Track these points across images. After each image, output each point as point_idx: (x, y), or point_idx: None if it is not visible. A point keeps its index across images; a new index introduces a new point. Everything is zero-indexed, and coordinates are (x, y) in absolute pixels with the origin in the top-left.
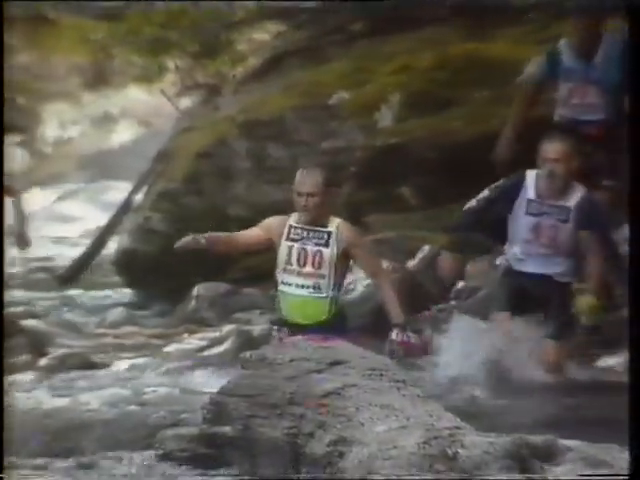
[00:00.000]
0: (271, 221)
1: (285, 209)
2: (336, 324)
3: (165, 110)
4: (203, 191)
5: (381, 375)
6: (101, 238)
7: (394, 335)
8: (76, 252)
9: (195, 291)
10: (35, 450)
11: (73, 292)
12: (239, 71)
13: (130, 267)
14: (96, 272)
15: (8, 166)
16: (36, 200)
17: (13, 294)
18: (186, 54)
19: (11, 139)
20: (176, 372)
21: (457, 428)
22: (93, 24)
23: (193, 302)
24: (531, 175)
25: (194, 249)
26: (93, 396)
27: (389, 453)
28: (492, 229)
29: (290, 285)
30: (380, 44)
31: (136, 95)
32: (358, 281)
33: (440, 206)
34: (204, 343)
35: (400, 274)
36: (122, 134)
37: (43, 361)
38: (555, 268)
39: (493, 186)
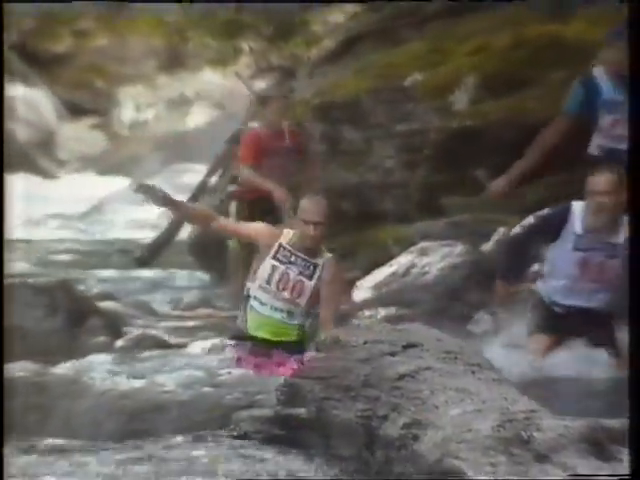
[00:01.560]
0: (264, 229)
1: (359, 192)
2: (301, 344)
3: (239, 93)
4: None
5: (456, 358)
6: (177, 221)
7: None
8: (153, 234)
9: None
10: (111, 431)
11: (150, 274)
12: (313, 53)
13: (205, 249)
14: (172, 254)
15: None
16: (113, 182)
17: (91, 275)
18: (260, 36)
19: (88, 122)
20: None
21: (532, 411)
22: (168, 7)
23: None
24: (578, 207)
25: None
26: (169, 378)
27: (464, 436)
28: (535, 258)
29: (264, 305)
30: (455, 25)
31: (211, 78)
32: (432, 264)
33: (516, 188)
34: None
35: (474, 257)
36: (197, 117)
37: (119, 342)
38: (599, 302)
39: (538, 214)
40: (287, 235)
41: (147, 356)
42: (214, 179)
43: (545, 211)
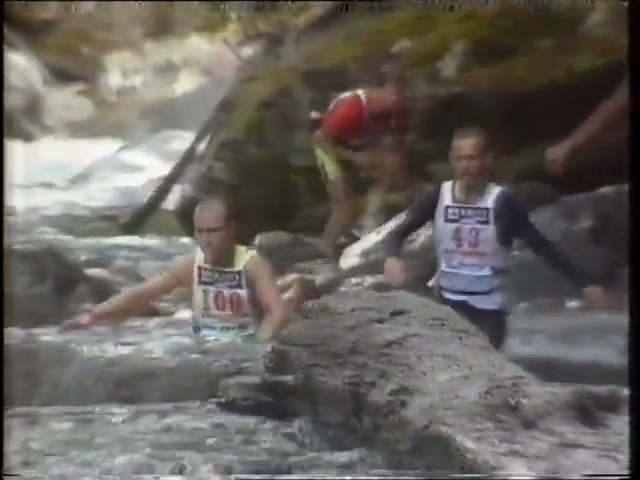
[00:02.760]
0: (177, 265)
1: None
2: None
3: (227, 59)
4: (265, 141)
5: (443, 325)
6: (164, 187)
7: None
8: (139, 201)
9: (257, 240)
10: (99, 397)
11: (136, 241)
12: (301, 20)
13: (192, 216)
14: (159, 221)
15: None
16: (99, 149)
17: (78, 242)
18: (248, 3)
19: (74, 88)
20: None
21: (520, 378)
22: None
23: (255, 251)
24: (447, 184)
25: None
26: (156, 345)
27: (451, 403)
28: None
29: (215, 329)
30: None
31: (198, 44)
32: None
33: (504, 154)
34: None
35: None
36: (184, 83)
37: None
38: (481, 286)
39: (410, 208)
40: (200, 256)
41: (135, 323)
42: (202, 146)
43: (416, 201)
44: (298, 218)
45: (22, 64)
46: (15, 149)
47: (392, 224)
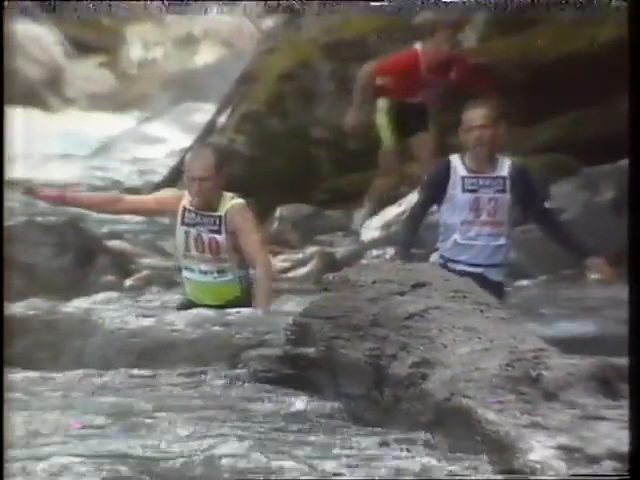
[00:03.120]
0: (166, 195)
1: (365, 132)
2: (245, 301)
3: (247, 31)
4: (286, 113)
5: (464, 297)
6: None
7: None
8: (161, 173)
9: (278, 213)
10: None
11: None
12: None
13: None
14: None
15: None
16: (121, 122)
17: (98, 214)
18: None
19: (95, 60)
20: None
21: (541, 350)
22: None
23: (276, 224)
24: (455, 158)
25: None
26: (178, 316)
27: (472, 375)
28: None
29: (193, 271)
30: None
31: (218, 16)
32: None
33: (526, 126)
34: (287, 265)
35: None
36: (205, 55)
37: (128, 282)
38: (497, 257)
39: (420, 187)
40: (187, 196)
41: (156, 295)
42: (223, 118)
43: (425, 178)
44: (319, 190)
45: (43, 36)
46: (38, 120)
47: (412, 197)
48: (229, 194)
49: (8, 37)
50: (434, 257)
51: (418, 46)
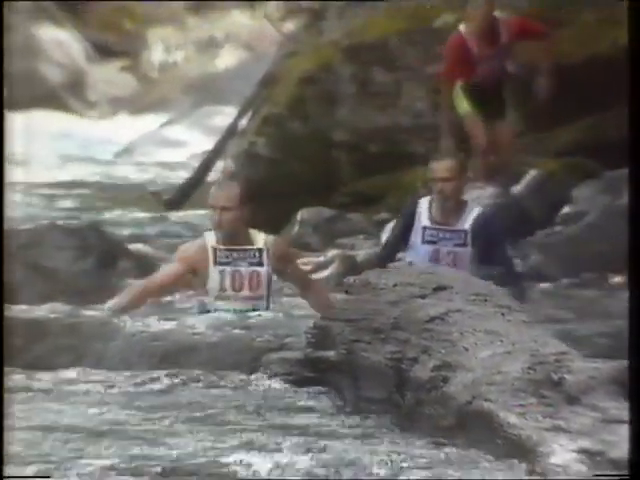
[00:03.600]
0: (188, 251)
1: (389, 135)
2: None
3: (269, 34)
4: (307, 116)
5: (485, 300)
6: (206, 163)
7: None
8: (182, 177)
9: (299, 216)
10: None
11: (179, 216)
12: None
13: None
14: (201, 196)
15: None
16: (142, 125)
17: (120, 218)
18: None
19: (117, 63)
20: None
21: (563, 353)
22: None
23: (297, 227)
24: (424, 202)
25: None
26: (199, 319)
27: (493, 378)
28: None
29: (228, 311)
30: None
31: (240, 19)
32: None
33: (548, 130)
34: (308, 268)
35: (505, 199)
36: (226, 58)
37: None
38: None
39: (391, 225)
40: (211, 237)
41: (177, 298)
42: (244, 121)
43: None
44: (340, 193)
45: (65, 40)
46: (61, 124)
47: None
48: (255, 230)
49: (31, 40)
50: None
51: (461, 27)
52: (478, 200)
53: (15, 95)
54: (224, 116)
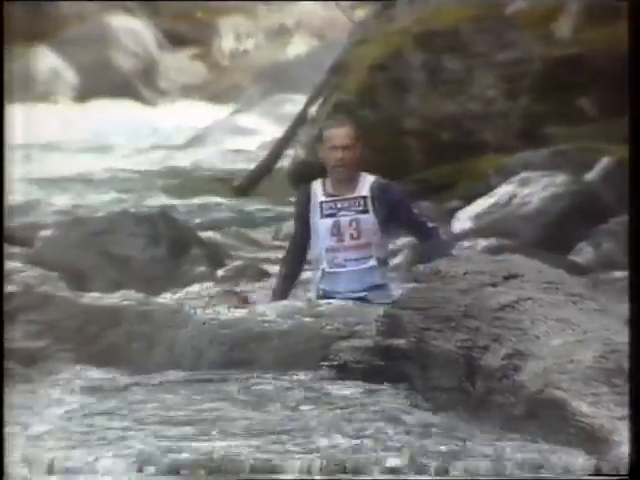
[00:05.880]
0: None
1: (459, 122)
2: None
3: (339, 22)
4: (377, 103)
5: (557, 289)
6: (277, 150)
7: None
8: (252, 164)
9: None
10: (213, 360)
11: (249, 203)
12: None
13: (305, 179)
14: (271, 183)
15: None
16: (213, 113)
17: (190, 205)
18: None
19: (188, 52)
20: None
21: None
22: None
23: None
24: (316, 182)
25: None
26: (269, 307)
27: (565, 367)
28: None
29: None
30: None
31: (311, 7)
32: (534, 195)
33: (620, 117)
34: None
35: (577, 187)
36: (296, 46)
37: (220, 272)
38: (370, 279)
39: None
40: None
41: (248, 286)
42: (314, 109)
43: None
44: (410, 181)
45: (137, 28)
46: (133, 112)
47: (506, 188)
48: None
49: (104, 29)
50: (311, 293)
51: None
52: (549, 188)
53: (89, 84)
54: (294, 104)
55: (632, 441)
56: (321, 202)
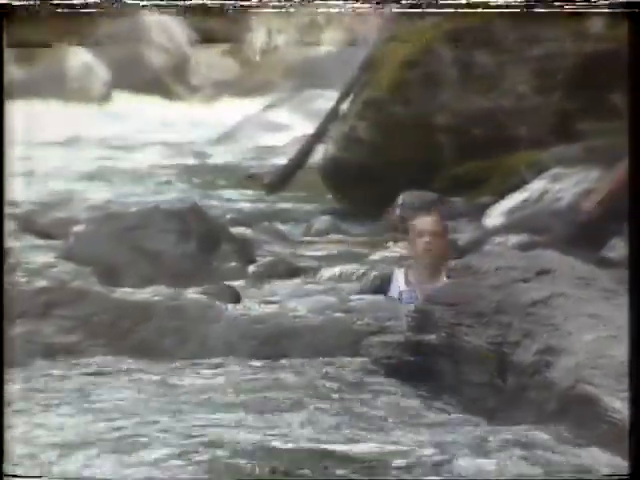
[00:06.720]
0: None
1: (491, 117)
2: None
3: (371, 18)
4: (409, 99)
5: (589, 284)
6: (308, 147)
7: None
8: (283, 160)
9: (400, 199)
10: (245, 354)
11: (280, 200)
12: None
13: (336, 175)
14: (302, 180)
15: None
16: (244, 108)
17: (221, 201)
18: None
19: (219, 48)
20: None
21: None
22: None
23: (398, 210)
24: (399, 270)
25: None
26: (300, 303)
27: (598, 362)
28: None
29: None
30: None
31: (342, 3)
32: (566, 190)
33: None
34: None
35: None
36: (328, 42)
37: (251, 268)
38: None
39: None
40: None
41: (279, 282)
42: (345, 105)
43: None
44: (442, 177)
45: (169, 24)
46: (164, 107)
47: (538, 184)
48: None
49: (136, 25)
50: None
51: None
52: (582, 184)
53: (121, 80)
54: (325, 100)
55: (632, 441)
56: (400, 292)
